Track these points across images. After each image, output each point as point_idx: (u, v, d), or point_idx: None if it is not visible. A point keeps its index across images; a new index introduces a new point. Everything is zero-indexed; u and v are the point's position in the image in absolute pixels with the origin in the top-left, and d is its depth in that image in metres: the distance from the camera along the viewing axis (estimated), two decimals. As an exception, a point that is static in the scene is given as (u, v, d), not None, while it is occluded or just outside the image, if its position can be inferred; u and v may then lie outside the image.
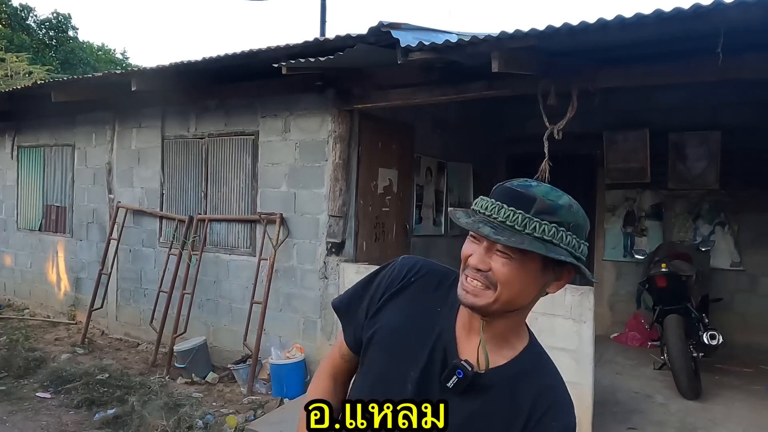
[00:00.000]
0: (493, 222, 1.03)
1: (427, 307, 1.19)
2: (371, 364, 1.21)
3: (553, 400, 1.10)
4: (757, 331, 6.00)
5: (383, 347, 1.19)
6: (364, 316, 1.25)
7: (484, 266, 1.04)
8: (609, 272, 6.88)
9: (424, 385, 1.12)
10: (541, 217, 1.01)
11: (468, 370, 1.07)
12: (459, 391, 1.08)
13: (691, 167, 6.30)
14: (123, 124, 6.49)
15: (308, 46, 4.13)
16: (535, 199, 1.02)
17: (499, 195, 1.06)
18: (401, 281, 1.23)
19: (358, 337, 1.25)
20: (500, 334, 1.12)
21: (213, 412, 4.48)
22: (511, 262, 1.03)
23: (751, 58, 3.34)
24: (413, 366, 1.14)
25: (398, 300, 1.22)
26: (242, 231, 5.57)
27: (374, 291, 1.26)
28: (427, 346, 1.15)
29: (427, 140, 6.14)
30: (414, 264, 1.25)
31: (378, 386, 1.17)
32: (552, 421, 1.08)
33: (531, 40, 3.27)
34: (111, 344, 6.34)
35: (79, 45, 21.35)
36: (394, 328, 1.19)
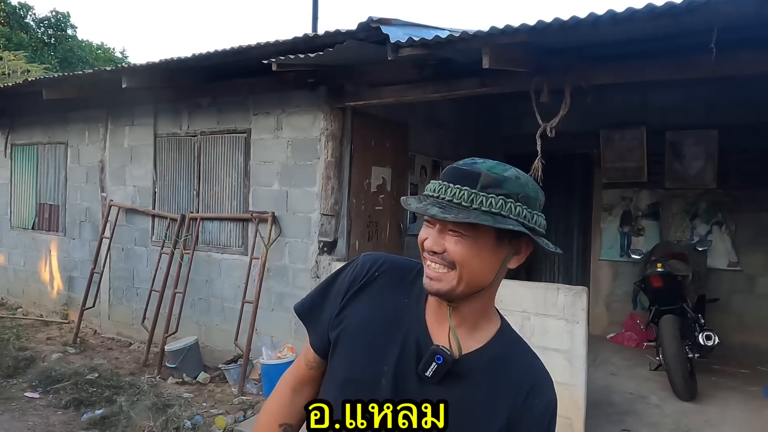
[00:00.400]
0: (441, 202, 1.02)
1: (393, 300, 1.16)
2: (339, 364, 1.17)
3: (535, 379, 1.10)
4: (755, 331, 5.95)
5: (351, 346, 1.15)
6: (328, 318, 1.20)
7: (438, 248, 1.04)
8: (606, 272, 6.83)
9: (401, 379, 1.09)
10: (487, 191, 1.01)
11: (447, 355, 1.05)
12: (437, 380, 1.06)
13: (688, 166, 6.24)
14: (116, 122, 6.44)
15: (298, 42, 4.08)
16: (480, 174, 1.02)
17: (445, 176, 1.06)
18: (364, 278, 1.19)
19: (324, 340, 1.20)
20: (470, 319, 1.11)
21: (202, 412, 4.43)
22: (464, 240, 1.02)
23: (747, 55, 3.28)
24: (385, 361, 1.10)
25: (362, 297, 1.18)
26: (234, 230, 5.52)
27: (337, 291, 1.22)
28: (398, 339, 1.12)
29: (422, 138, 6.08)
30: (376, 259, 1.22)
31: (348, 386, 1.13)
32: (535, 399, 1.08)
33: (522, 36, 3.22)
34: (103, 344, 6.29)
35: (78, 44, 21.32)
36: (361, 326, 1.15)
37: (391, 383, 1.09)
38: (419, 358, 1.08)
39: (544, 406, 1.08)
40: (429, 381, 1.06)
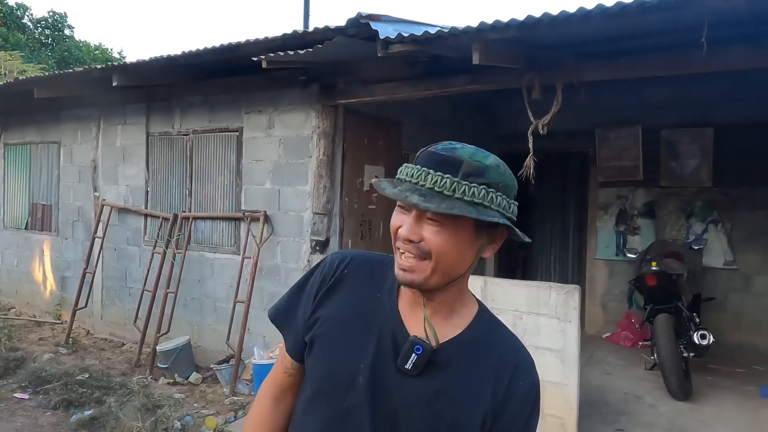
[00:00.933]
0: (421, 189, 0.97)
1: (365, 296, 1.13)
2: (315, 365, 1.13)
3: (517, 360, 1.09)
4: (751, 330, 5.91)
5: (325, 346, 1.12)
6: (302, 321, 1.16)
7: (415, 237, 0.99)
8: (601, 271, 6.79)
9: (378, 376, 1.05)
10: (469, 179, 0.97)
11: (427, 345, 1.03)
12: (418, 372, 1.03)
13: (683, 165, 6.21)
14: (108, 121, 6.41)
15: (288, 39, 4.05)
16: (462, 162, 0.98)
17: (424, 160, 1.01)
18: (333, 276, 1.16)
19: (300, 343, 1.17)
20: (445, 306, 1.08)
21: (193, 413, 4.39)
22: (444, 230, 0.98)
23: (739, 50, 3.25)
24: (361, 358, 1.07)
25: (334, 295, 1.15)
26: (226, 229, 5.49)
27: (308, 293, 1.18)
28: (373, 334, 1.08)
29: (416, 137, 6.04)
30: (344, 257, 1.19)
31: (324, 386, 1.10)
32: (519, 381, 1.06)
33: (511, 32, 3.18)
34: (95, 344, 6.25)
35: (75, 44, 21.29)
36: (334, 325, 1.12)
37: (368, 381, 1.05)
38: (397, 352, 1.05)
39: (528, 387, 1.07)
40: (408, 374, 1.03)
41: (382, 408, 1.05)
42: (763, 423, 4.17)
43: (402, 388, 1.04)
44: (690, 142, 6.13)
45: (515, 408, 1.05)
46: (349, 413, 1.06)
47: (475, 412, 1.03)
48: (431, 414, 1.03)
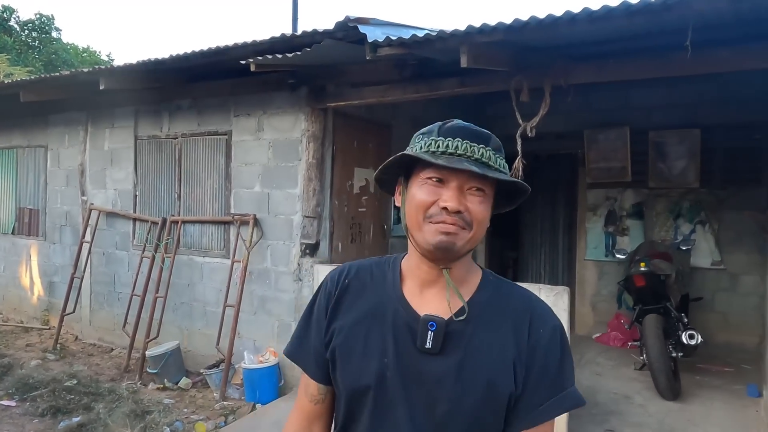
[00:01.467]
0: (470, 160, 1.03)
1: (370, 297, 1.15)
2: (342, 375, 1.14)
3: (532, 310, 1.11)
4: (738, 330, 5.96)
5: (346, 354, 1.13)
6: (319, 343, 1.18)
7: (462, 207, 1.03)
8: (591, 272, 6.83)
9: (404, 365, 1.07)
10: (498, 153, 1.07)
11: (438, 318, 1.05)
12: (438, 347, 1.05)
13: (671, 166, 6.25)
14: (96, 125, 6.36)
15: (276, 42, 4.04)
16: (490, 136, 1.07)
17: (461, 134, 1.05)
18: (337, 289, 1.18)
19: (321, 365, 1.18)
20: (460, 277, 1.11)
21: (183, 418, 4.36)
22: (485, 200, 1.05)
23: (724, 53, 3.29)
24: (384, 354, 1.09)
25: (342, 306, 1.17)
26: (216, 232, 5.46)
27: (318, 316, 1.20)
28: (388, 328, 1.11)
29: (406, 140, 5.86)
30: (341, 270, 1.22)
31: (356, 392, 1.11)
32: (540, 329, 1.08)
33: (499, 35, 3.19)
34: (84, 349, 6.20)
35: (63, 46, 21.13)
36: (349, 332, 1.14)
37: (395, 372, 1.07)
38: (414, 337, 1.07)
39: (551, 333, 1.08)
40: (431, 352, 1.05)
41: (416, 393, 1.06)
42: (751, 422, 4.21)
43: (429, 369, 1.06)
44: (677, 144, 6.18)
45: (544, 356, 1.07)
46: (388, 411, 1.08)
47: (503, 369, 1.05)
48: (463, 384, 1.04)
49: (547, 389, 1.07)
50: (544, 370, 1.07)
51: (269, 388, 4.67)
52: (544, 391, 1.06)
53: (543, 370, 1.07)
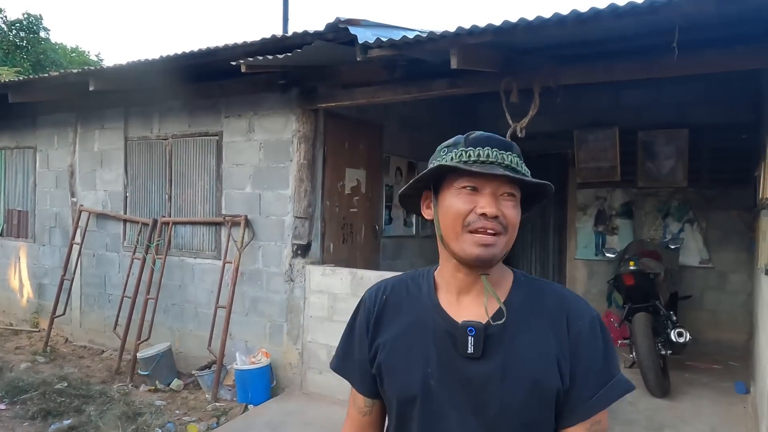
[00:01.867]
0: (501, 166, 1.08)
1: (408, 311, 1.19)
2: (389, 389, 1.17)
3: (567, 306, 1.13)
4: (727, 327, 6.03)
5: (391, 367, 1.17)
6: (364, 358, 1.22)
7: (499, 213, 1.07)
8: (581, 271, 6.88)
9: (447, 371, 1.10)
10: (521, 159, 1.11)
11: (477, 323, 1.08)
12: (480, 352, 1.07)
13: (659, 165, 6.31)
14: (85, 126, 6.32)
15: (266, 43, 4.05)
16: (512, 145, 1.12)
17: (489, 144, 1.10)
18: (376, 306, 1.22)
19: (368, 380, 1.23)
20: (495, 281, 1.14)
21: (174, 420, 4.35)
22: (516, 204, 1.10)
23: (710, 54, 3.33)
24: (428, 364, 1.12)
25: (383, 322, 1.21)
26: (207, 234, 5.45)
27: (359, 332, 1.24)
28: (428, 338, 1.13)
29: (397, 140, 6.07)
30: (378, 288, 1.26)
31: (403, 404, 1.14)
32: (578, 323, 1.10)
33: (488, 36, 3.22)
34: (74, 352, 6.16)
35: (51, 46, 20.93)
36: (392, 346, 1.17)
37: (439, 380, 1.10)
38: (456, 345, 1.09)
39: (590, 326, 1.10)
40: (474, 357, 1.07)
41: (465, 399, 1.08)
42: (739, 418, 4.26)
43: (474, 373, 1.08)
44: (666, 143, 6.24)
45: (587, 348, 1.09)
46: (437, 420, 1.10)
47: (547, 366, 1.07)
48: (509, 384, 1.06)
49: (597, 380, 1.08)
50: (591, 362, 1.09)
51: (261, 389, 4.67)
52: (594, 382, 1.08)
53: (589, 362, 1.09)
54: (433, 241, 1.12)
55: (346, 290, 4.57)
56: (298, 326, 4.82)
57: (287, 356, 4.88)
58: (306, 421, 4.26)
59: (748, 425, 4.10)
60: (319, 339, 4.71)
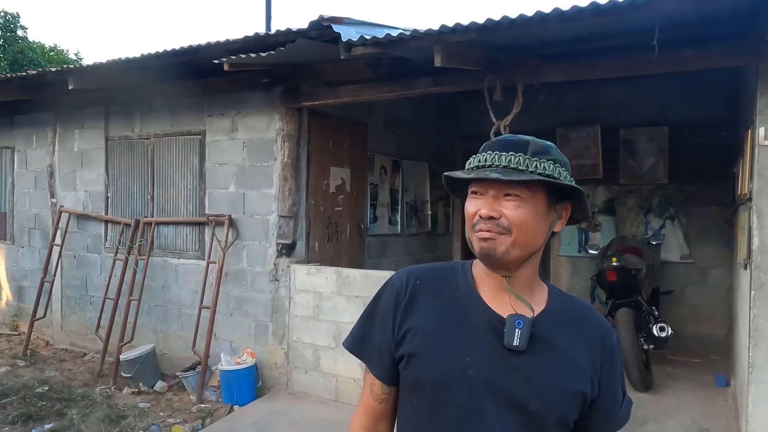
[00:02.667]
0: (497, 168, 1.07)
1: (447, 299, 1.18)
2: (421, 375, 1.14)
3: (601, 325, 1.18)
4: (707, 322, 6.13)
5: (425, 353, 1.14)
6: (386, 342, 1.19)
7: (495, 213, 1.07)
8: (565, 268, 6.94)
9: (488, 363, 1.10)
10: (539, 156, 1.08)
11: (525, 318, 1.10)
12: (525, 346, 1.09)
13: (641, 162, 6.40)
14: (65, 125, 6.22)
15: (249, 41, 4.02)
16: (529, 142, 1.10)
17: (492, 146, 1.11)
18: (408, 290, 1.20)
19: (386, 366, 1.20)
20: (526, 287, 1.15)
21: (159, 422, 4.31)
22: (522, 204, 1.07)
23: (689, 52, 3.38)
24: (467, 353, 1.11)
25: (415, 307, 1.18)
26: (190, 234, 5.40)
27: (384, 314, 1.21)
28: (469, 328, 1.14)
29: (381, 138, 6.07)
30: (410, 272, 1.24)
31: (439, 391, 1.12)
32: (611, 340, 1.17)
33: (472, 34, 3.23)
34: (55, 355, 6.06)
35: (29, 45, 20.51)
36: (427, 332, 1.15)
37: (479, 371, 1.09)
38: (497, 336, 1.10)
39: (615, 344, 1.19)
40: (517, 350, 1.09)
41: (504, 392, 1.09)
42: (720, 411, 4.34)
43: (516, 367, 1.09)
44: (647, 141, 6.33)
45: (614, 367, 1.17)
46: (473, 409, 1.09)
47: (584, 375, 1.12)
48: (553, 384, 1.09)
49: (619, 396, 1.19)
50: (617, 380, 1.17)
51: (247, 389, 4.64)
52: (619, 397, 1.18)
53: (616, 380, 1.17)
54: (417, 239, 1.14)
55: (331, 289, 4.56)
56: (283, 326, 4.80)
57: (273, 356, 4.85)
58: (292, 421, 4.24)
59: (728, 417, 4.18)
60: (305, 338, 4.69)
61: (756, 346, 3.22)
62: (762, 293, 3.20)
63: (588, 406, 1.13)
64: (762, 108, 3.20)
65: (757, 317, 3.22)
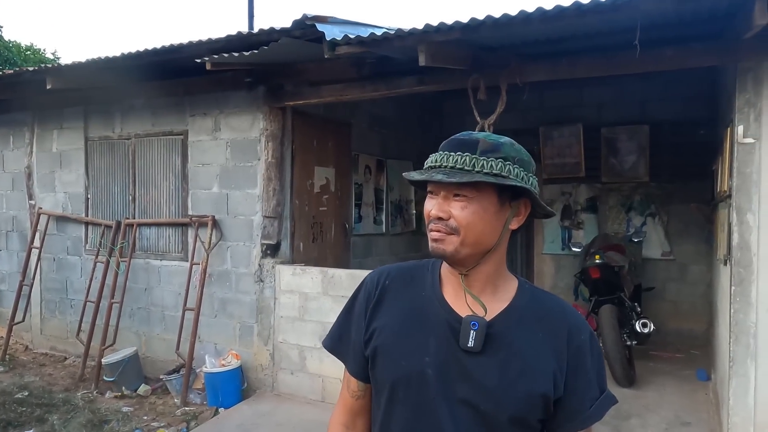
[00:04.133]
0: (444, 169, 1.07)
1: (411, 298, 1.19)
2: (383, 373, 1.17)
3: (568, 320, 1.15)
4: (688, 317, 6.22)
5: (387, 352, 1.17)
6: (359, 341, 1.22)
7: (444, 214, 1.08)
8: (548, 265, 7.00)
9: (444, 362, 1.11)
10: (486, 155, 1.07)
11: (480, 319, 1.09)
12: (481, 347, 1.08)
13: (622, 161, 6.47)
14: (43, 126, 6.11)
15: (232, 40, 3.98)
16: (478, 141, 1.09)
17: (445, 146, 1.11)
18: (377, 290, 1.22)
19: (361, 363, 1.22)
20: (489, 283, 1.15)
21: (142, 426, 4.26)
22: (470, 204, 1.07)
23: (669, 51, 3.42)
24: (425, 353, 1.12)
25: (382, 307, 1.21)
26: (173, 235, 5.34)
27: (358, 313, 1.24)
28: (428, 328, 1.14)
29: (365, 138, 6.06)
30: (382, 271, 1.26)
31: (398, 390, 1.14)
32: (580, 336, 1.14)
33: (456, 34, 3.24)
34: (35, 359, 5.96)
35: (5, 44, 20.08)
36: (391, 332, 1.17)
37: (436, 371, 1.10)
38: (456, 337, 1.10)
39: (588, 341, 1.15)
40: (473, 351, 1.08)
41: (458, 392, 1.09)
42: (701, 405, 4.41)
43: (471, 368, 1.09)
44: (628, 139, 6.40)
45: (585, 362, 1.13)
46: (428, 408, 1.11)
47: (544, 373, 1.10)
48: (505, 384, 1.08)
49: (593, 393, 1.14)
50: (589, 376, 1.13)
51: (232, 391, 4.60)
52: (590, 395, 1.13)
53: (588, 376, 1.13)
54: (401, 239, 1.14)
55: (317, 289, 4.54)
56: (268, 327, 4.77)
57: (258, 357, 4.82)
58: (278, 422, 4.22)
59: (710, 411, 4.25)
60: (290, 339, 4.67)
61: (736, 340, 3.28)
62: (742, 289, 3.26)
63: (553, 405, 1.11)
64: (740, 106, 3.25)
65: (737, 312, 3.27)
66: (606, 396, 1.16)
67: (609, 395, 1.16)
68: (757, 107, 3.21)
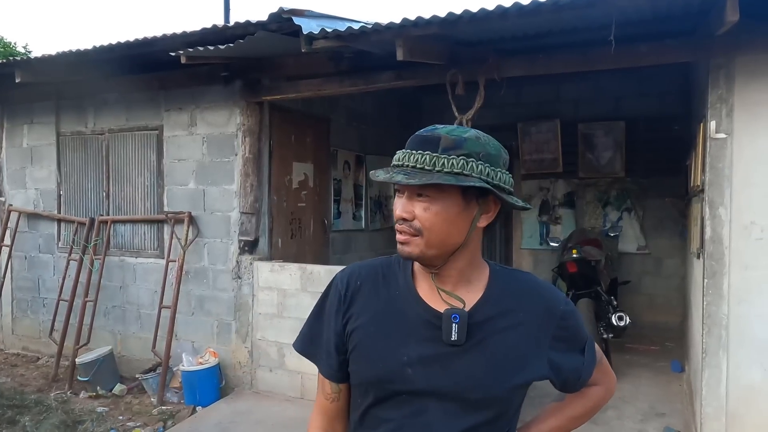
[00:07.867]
0: (406, 169, 1.05)
1: (385, 297, 1.17)
2: (362, 374, 1.16)
3: (542, 291, 1.18)
4: (663, 310, 6.33)
5: (364, 353, 1.15)
6: (333, 342, 1.19)
7: (408, 215, 1.06)
8: (527, 260, 7.05)
9: (425, 358, 1.09)
10: (448, 153, 1.03)
11: (460, 311, 1.08)
12: (464, 339, 1.07)
13: (599, 156, 6.55)
14: (12, 120, 5.96)
15: (207, 33, 3.92)
16: (440, 138, 1.05)
17: (409, 144, 1.09)
18: (348, 291, 1.20)
19: (334, 365, 1.20)
20: (462, 278, 1.13)
21: (118, 426, 4.19)
22: (432, 205, 1.04)
23: (644, 48, 3.46)
24: (404, 351, 1.10)
25: (355, 308, 1.18)
26: (149, 232, 5.25)
27: (328, 314, 1.22)
28: (406, 326, 1.13)
29: (344, 133, 6.03)
30: (352, 271, 1.23)
31: (379, 391, 1.13)
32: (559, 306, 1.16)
33: (434, 28, 3.23)
34: (6, 360, 5.82)
35: (-26, 37, 19.60)
36: (365, 332, 1.15)
37: (417, 368, 1.09)
38: (434, 332, 1.09)
39: (568, 311, 1.17)
40: (456, 344, 1.07)
41: (446, 385, 1.08)
42: (675, 395, 4.50)
43: (455, 362, 1.08)
44: (604, 135, 6.47)
45: (569, 327, 1.17)
46: (416, 403, 1.10)
47: (531, 353, 1.12)
48: (493, 373, 1.08)
49: (581, 347, 1.20)
50: (575, 337, 1.19)
51: (210, 389, 4.55)
52: (579, 351, 1.20)
53: (574, 338, 1.18)
54: (381, 235, 1.12)
55: (295, 286, 4.51)
56: (246, 324, 4.72)
57: (236, 355, 4.77)
58: (257, 420, 4.18)
59: (683, 401, 4.33)
60: (269, 336, 4.63)
61: (709, 332, 3.34)
62: (714, 281, 3.32)
63: (546, 376, 1.14)
64: (713, 102, 3.30)
65: (710, 305, 3.33)
66: (591, 339, 1.23)
67: (590, 341, 1.23)
68: (729, 103, 3.26)
